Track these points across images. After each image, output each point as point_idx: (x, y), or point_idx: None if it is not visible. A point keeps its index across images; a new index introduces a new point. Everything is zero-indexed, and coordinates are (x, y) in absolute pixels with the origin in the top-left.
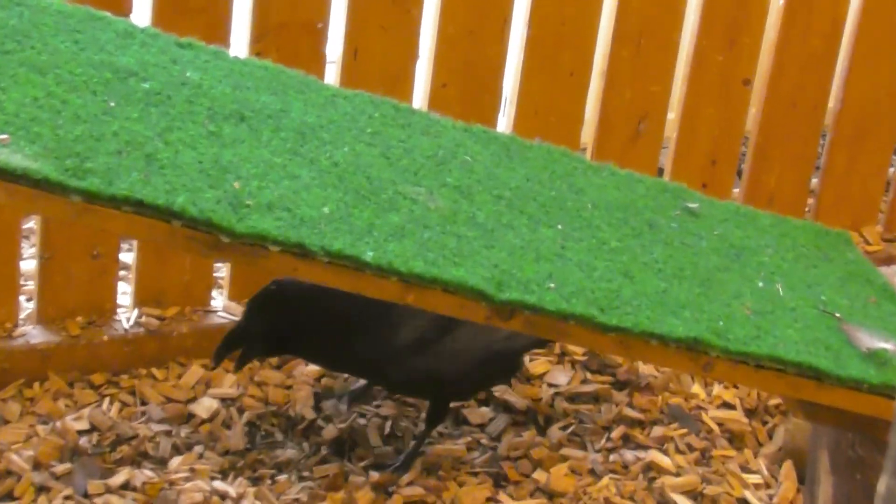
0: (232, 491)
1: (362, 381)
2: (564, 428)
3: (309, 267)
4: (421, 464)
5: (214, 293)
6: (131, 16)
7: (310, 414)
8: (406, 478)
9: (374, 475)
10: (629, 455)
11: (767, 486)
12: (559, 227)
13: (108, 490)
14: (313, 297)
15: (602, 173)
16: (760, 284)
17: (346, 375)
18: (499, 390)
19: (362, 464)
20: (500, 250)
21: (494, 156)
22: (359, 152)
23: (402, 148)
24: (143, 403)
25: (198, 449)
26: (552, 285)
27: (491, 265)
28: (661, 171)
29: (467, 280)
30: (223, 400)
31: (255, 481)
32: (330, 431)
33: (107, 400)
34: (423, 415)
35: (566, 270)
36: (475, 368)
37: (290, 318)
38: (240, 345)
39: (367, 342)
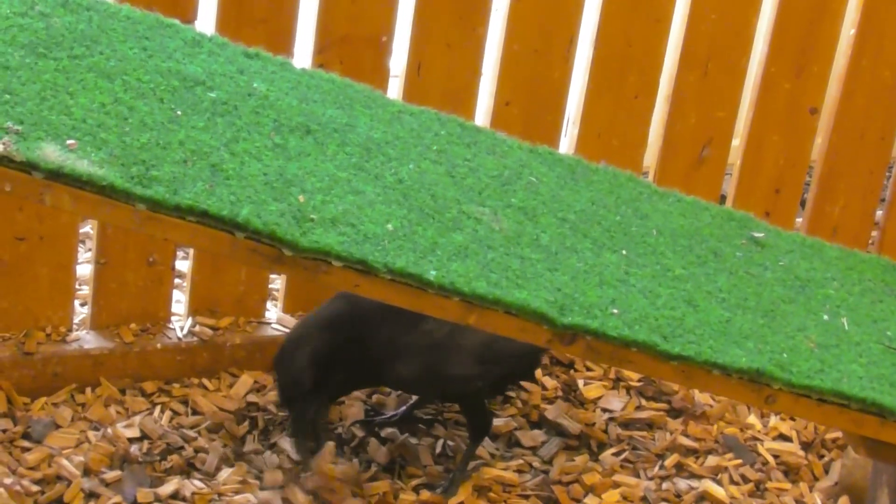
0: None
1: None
2: (617, 454)
3: (371, 284)
4: (472, 485)
5: (269, 305)
6: (195, 24)
7: (361, 430)
8: (455, 499)
9: (425, 493)
10: (682, 484)
11: None
12: (623, 252)
13: (157, 499)
14: (339, 331)
15: (668, 199)
16: (825, 318)
17: (398, 393)
18: (552, 413)
19: (412, 483)
20: (564, 274)
21: (560, 178)
22: (424, 170)
23: (467, 167)
24: (195, 413)
25: (248, 461)
26: (615, 311)
27: (554, 288)
28: (723, 198)
29: (530, 303)
30: (275, 411)
31: (305, 495)
32: (381, 450)
33: (158, 408)
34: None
35: (629, 297)
36: (477, 367)
37: (331, 360)
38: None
39: (382, 346)
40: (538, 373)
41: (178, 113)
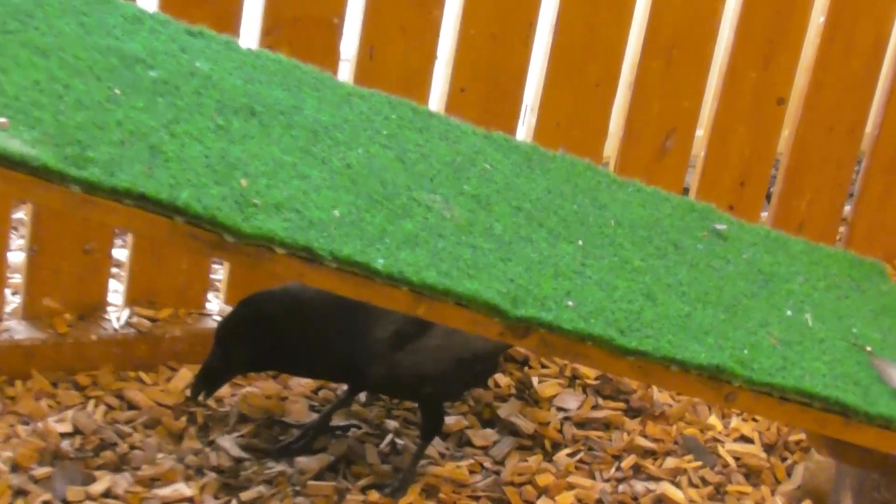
0: None
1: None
2: (572, 454)
3: (316, 272)
4: (421, 486)
5: (210, 296)
6: (136, 0)
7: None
8: (404, 499)
9: (373, 494)
10: (639, 486)
11: None
12: (580, 242)
13: (89, 497)
14: (288, 308)
15: (627, 189)
16: (789, 313)
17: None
18: (505, 412)
19: (359, 483)
20: (517, 264)
21: (515, 165)
22: (373, 154)
23: (418, 152)
24: (131, 408)
25: (186, 459)
26: (570, 303)
27: (507, 279)
28: (686, 191)
29: (481, 294)
30: (215, 406)
31: (244, 496)
32: (325, 446)
33: (92, 402)
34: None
35: (585, 289)
36: (455, 366)
37: (269, 334)
38: (223, 376)
39: (347, 341)
40: None
41: (117, 92)
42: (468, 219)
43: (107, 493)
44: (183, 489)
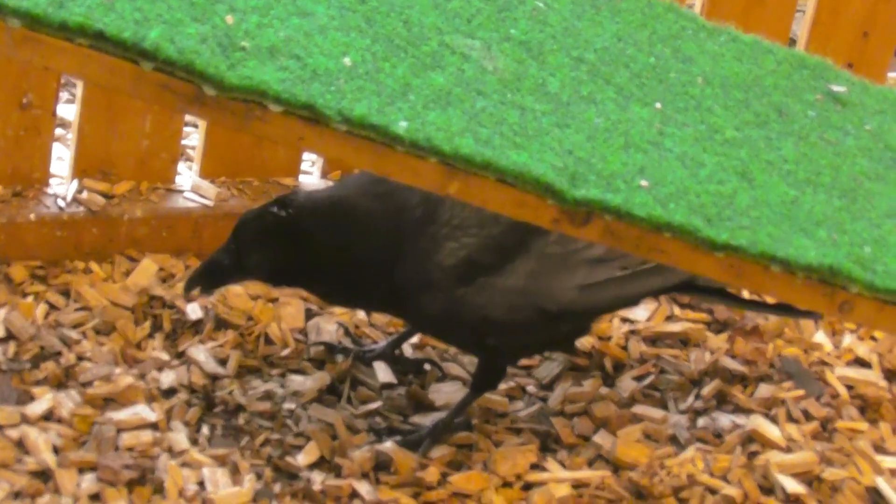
0: (185, 435)
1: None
2: (640, 378)
3: (319, 136)
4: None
5: (181, 167)
6: None
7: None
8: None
9: (386, 447)
10: (724, 420)
11: None
12: (657, 105)
13: (25, 420)
14: (330, 212)
15: (719, 38)
16: None
17: None
18: None
19: (365, 408)
20: (577, 132)
21: (576, 4)
22: None
23: None
24: (79, 308)
25: (148, 374)
26: (644, 183)
27: (564, 151)
28: (792, 42)
29: (531, 168)
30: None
31: (222, 423)
32: (324, 361)
33: (29, 299)
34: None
35: (664, 164)
36: (533, 319)
37: (299, 242)
38: (229, 276)
39: (400, 263)
40: None
41: None
42: (515, 72)
43: (48, 416)
44: (144, 412)
